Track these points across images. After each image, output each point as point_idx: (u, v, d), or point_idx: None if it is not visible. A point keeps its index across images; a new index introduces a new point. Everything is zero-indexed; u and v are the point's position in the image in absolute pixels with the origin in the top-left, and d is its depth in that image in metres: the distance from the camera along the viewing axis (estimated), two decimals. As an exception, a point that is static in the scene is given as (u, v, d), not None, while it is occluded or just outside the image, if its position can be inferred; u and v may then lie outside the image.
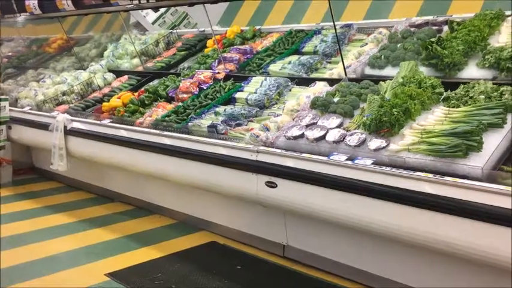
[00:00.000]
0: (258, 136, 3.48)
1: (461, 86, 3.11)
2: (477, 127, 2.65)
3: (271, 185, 3.26)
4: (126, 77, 5.72)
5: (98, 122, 4.78)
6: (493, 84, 3.01)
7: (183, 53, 5.69)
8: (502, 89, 2.92)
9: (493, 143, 2.63)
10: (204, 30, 6.02)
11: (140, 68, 5.90)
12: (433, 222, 2.54)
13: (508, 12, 3.68)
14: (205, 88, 4.59)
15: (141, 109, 4.75)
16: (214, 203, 4.06)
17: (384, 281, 3.08)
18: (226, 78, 4.65)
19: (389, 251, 3.00)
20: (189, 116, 4.20)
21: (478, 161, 2.54)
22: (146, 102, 4.80)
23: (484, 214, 2.36)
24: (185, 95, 4.61)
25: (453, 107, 2.99)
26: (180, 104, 4.51)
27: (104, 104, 5.10)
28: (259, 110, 3.98)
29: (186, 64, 5.45)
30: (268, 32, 5.28)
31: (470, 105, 2.92)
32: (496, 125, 2.71)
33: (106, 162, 4.75)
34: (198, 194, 4.07)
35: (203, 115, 4.15)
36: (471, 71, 3.31)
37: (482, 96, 2.92)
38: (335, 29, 3.96)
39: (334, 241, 3.31)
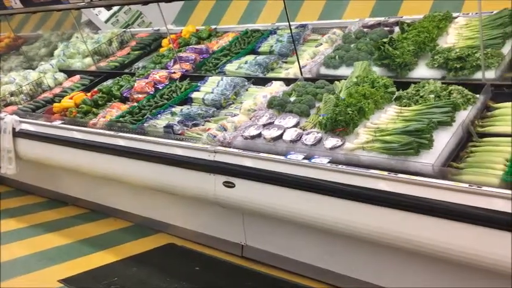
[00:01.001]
0: (215, 136, 3.46)
1: (412, 85, 3.20)
2: (428, 125, 2.74)
3: (229, 185, 3.25)
4: (78, 76, 5.59)
5: (49, 123, 4.63)
6: (442, 83, 3.11)
7: (137, 52, 5.62)
8: (450, 88, 3.03)
9: (442, 140, 2.72)
10: (158, 30, 5.95)
11: (93, 68, 5.77)
12: (390, 219, 2.60)
13: (455, 14, 3.83)
14: (161, 88, 4.53)
15: (94, 110, 4.65)
16: (171, 204, 4.01)
17: (348, 280, 3.12)
18: (182, 78, 4.61)
19: (350, 249, 3.05)
20: (145, 117, 4.14)
21: (429, 158, 2.63)
22: (100, 102, 4.70)
23: (438, 210, 2.43)
24: (140, 95, 4.53)
25: (405, 106, 3.08)
26: (135, 104, 4.43)
27: (55, 104, 4.95)
28: (216, 110, 3.96)
29: (140, 64, 5.38)
30: (224, 31, 5.28)
31: (421, 104, 3.01)
32: (445, 123, 2.81)
33: (58, 165, 4.61)
34: (155, 195, 4.01)
35: (159, 115, 4.10)
36: (421, 70, 3.41)
37: (432, 96, 3.02)
38: (290, 29, 4.00)
39: (292, 240, 3.33)
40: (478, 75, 3.11)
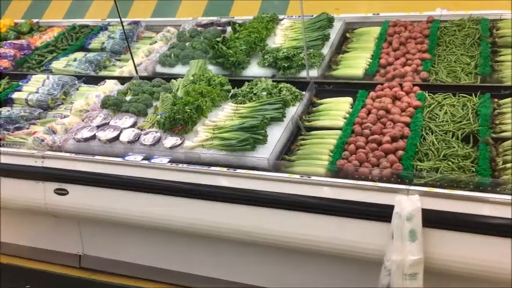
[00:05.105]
0: (43, 140, 3.19)
1: (246, 83, 3.34)
2: (262, 121, 2.88)
3: (61, 192, 3.03)
4: None
5: None
6: (273, 81, 3.31)
7: None
8: (280, 85, 3.23)
9: (275, 135, 2.89)
10: (-33, 21, 5.26)
11: None
12: (231, 214, 2.68)
13: (281, 16, 4.10)
14: (-27, 88, 4.04)
15: None
16: (-7, 218, 3.58)
17: (189, 277, 3.13)
18: (0, 76, 4.20)
19: (191, 247, 3.07)
20: (-46, 121, 3.63)
21: (264, 153, 2.77)
22: None
23: (272, 201, 2.57)
24: None
25: (240, 103, 3.20)
26: None
27: None
28: (42, 111, 3.68)
29: None
30: (48, 26, 4.98)
31: (254, 101, 3.16)
32: (277, 118, 2.99)
33: None
34: (-28, 210, 3.54)
35: (-27, 119, 3.63)
36: (254, 69, 3.58)
37: (264, 93, 3.19)
38: (122, 25, 3.88)
39: (132, 244, 3.24)
40: (303, 73, 3.38)
